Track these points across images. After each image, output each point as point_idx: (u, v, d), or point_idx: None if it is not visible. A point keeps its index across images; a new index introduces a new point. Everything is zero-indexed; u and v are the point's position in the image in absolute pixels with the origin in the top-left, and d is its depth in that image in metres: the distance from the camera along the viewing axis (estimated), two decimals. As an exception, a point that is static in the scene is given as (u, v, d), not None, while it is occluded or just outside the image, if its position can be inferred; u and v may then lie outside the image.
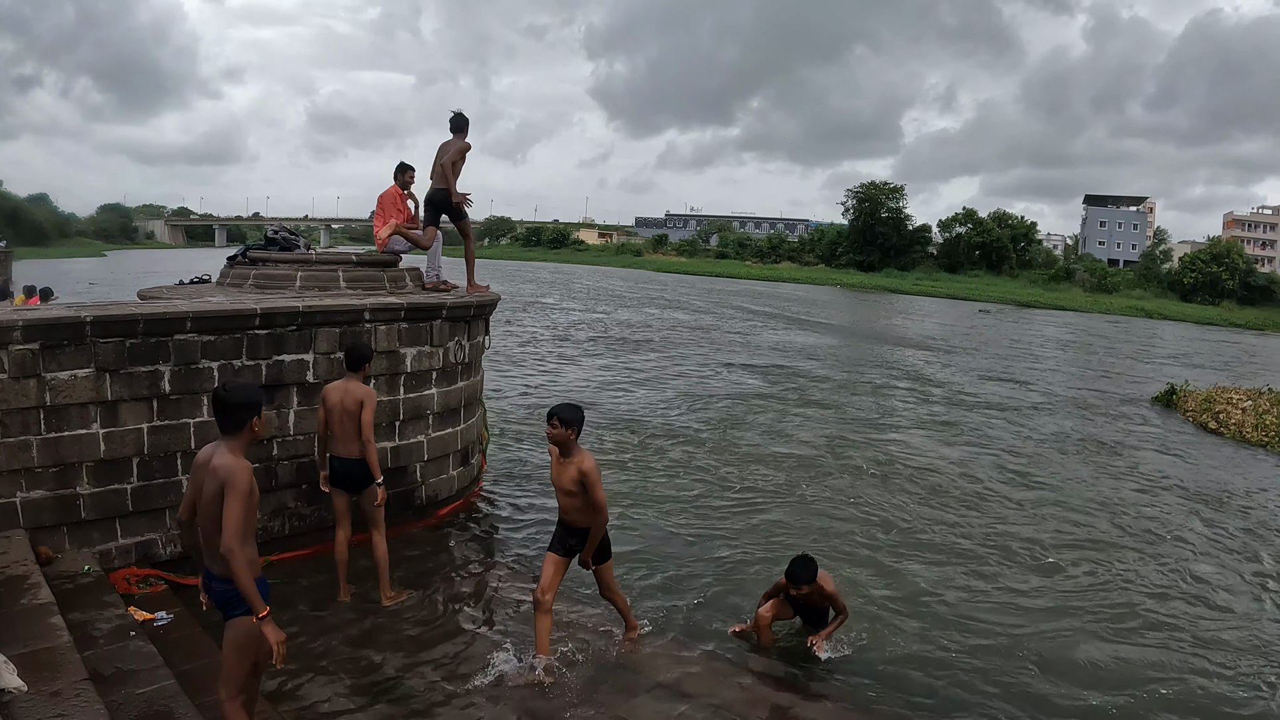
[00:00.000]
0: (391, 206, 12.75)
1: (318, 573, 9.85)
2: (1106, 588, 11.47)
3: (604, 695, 7.82)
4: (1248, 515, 15.29)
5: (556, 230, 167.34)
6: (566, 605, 9.37)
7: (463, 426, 12.27)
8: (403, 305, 11.02)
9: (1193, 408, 26.16)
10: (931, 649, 9.40)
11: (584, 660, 8.39)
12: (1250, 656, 9.68)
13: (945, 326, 56.20)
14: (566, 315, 44.88)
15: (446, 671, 8.06)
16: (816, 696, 8.28)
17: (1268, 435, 22.31)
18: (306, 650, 8.17)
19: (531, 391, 22.17)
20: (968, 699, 8.43)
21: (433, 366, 11.48)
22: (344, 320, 10.39)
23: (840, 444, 18.54)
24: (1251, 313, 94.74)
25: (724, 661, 8.82)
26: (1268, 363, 46.05)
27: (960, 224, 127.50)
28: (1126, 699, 8.55)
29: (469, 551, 11.23)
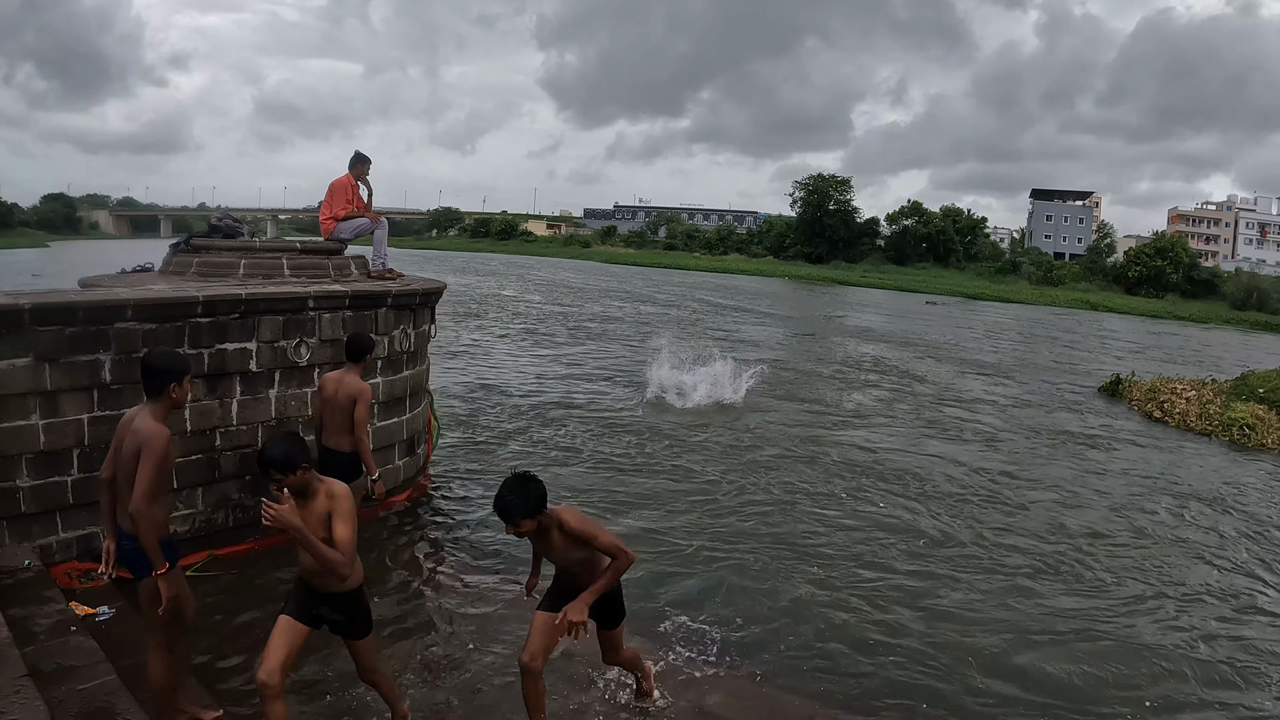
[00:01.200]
0: (340, 195, 12.64)
1: (273, 567, 9.80)
2: (1062, 577, 11.68)
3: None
4: (1234, 509, 15.54)
5: (505, 221, 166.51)
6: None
7: (408, 416, 12.22)
8: (347, 293, 10.95)
9: (1138, 397, 26.54)
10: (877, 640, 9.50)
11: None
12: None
13: (892, 318, 56.46)
14: (535, 308, 44.40)
15: (384, 657, 8.03)
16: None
17: (1211, 425, 22.77)
18: (255, 645, 8.11)
19: (493, 382, 22.06)
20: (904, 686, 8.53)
21: (377, 355, 11.28)
22: (287, 308, 10.31)
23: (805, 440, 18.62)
24: (1195, 306, 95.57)
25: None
26: (1211, 355, 46.59)
27: (907, 217, 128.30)
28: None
29: (416, 541, 11.18)
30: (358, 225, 12.70)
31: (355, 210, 12.67)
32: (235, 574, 9.67)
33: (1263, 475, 18.31)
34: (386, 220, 13.14)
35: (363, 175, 12.81)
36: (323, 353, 10.67)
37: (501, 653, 8.34)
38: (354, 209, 12.65)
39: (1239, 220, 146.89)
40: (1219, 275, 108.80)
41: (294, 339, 10.37)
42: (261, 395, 10.18)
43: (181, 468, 9.56)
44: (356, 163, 12.78)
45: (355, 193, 12.73)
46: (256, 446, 10.10)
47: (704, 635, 9.01)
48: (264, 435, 10.23)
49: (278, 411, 10.37)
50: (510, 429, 17.18)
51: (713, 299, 59.91)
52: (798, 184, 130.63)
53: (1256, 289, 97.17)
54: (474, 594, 9.65)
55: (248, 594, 9.26)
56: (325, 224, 12.65)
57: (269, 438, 6.73)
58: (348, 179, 12.69)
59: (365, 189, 12.94)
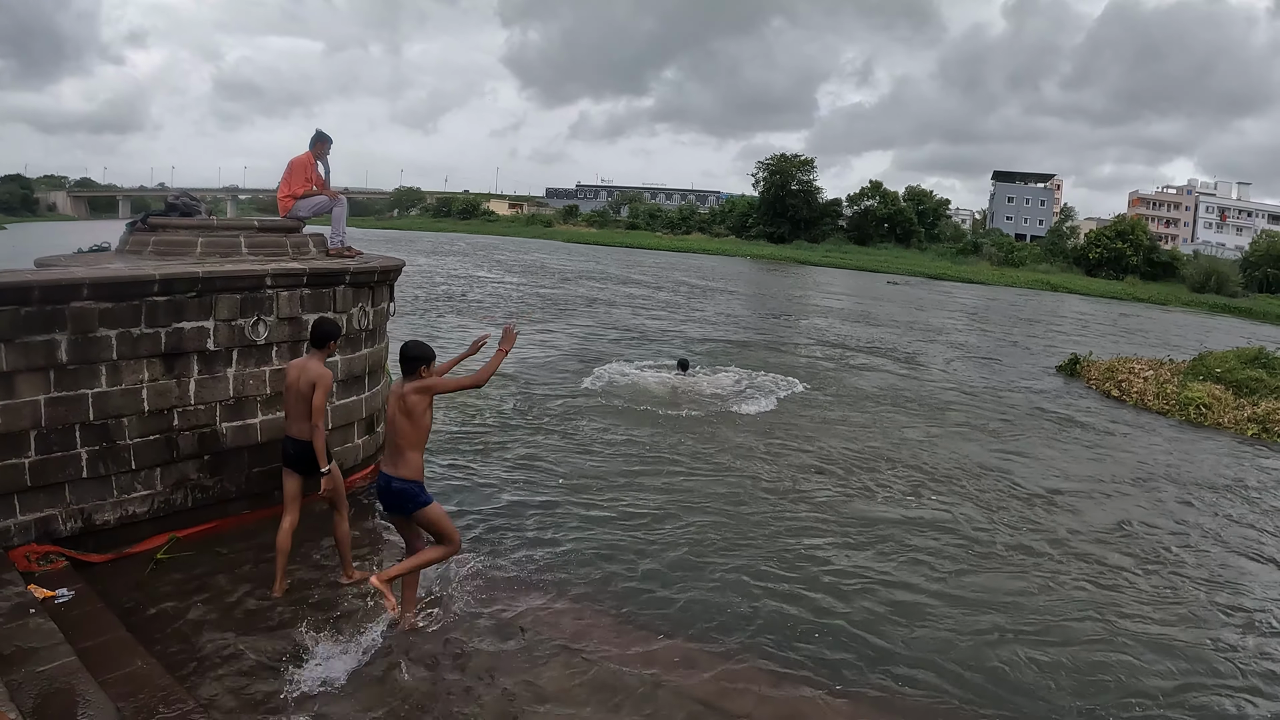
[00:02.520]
0: (299, 173, 12.54)
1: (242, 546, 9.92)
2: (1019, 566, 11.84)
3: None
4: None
5: (467, 201, 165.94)
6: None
7: (367, 394, 12.17)
8: (305, 270, 10.86)
9: (1096, 377, 27.03)
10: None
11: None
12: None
13: (853, 298, 56.69)
14: (516, 290, 44.13)
15: (349, 638, 8.05)
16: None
17: (1168, 404, 23.23)
18: (222, 630, 8.12)
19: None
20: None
21: (336, 333, 11.30)
22: (245, 286, 10.20)
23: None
24: (1154, 288, 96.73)
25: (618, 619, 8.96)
26: (1169, 336, 47.09)
27: (869, 198, 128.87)
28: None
29: (377, 521, 11.16)
30: (316, 203, 12.59)
31: (314, 188, 12.58)
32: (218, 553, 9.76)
33: (1219, 452, 18.69)
34: (345, 198, 13.03)
35: (323, 154, 12.71)
36: (280, 331, 10.60)
37: (456, 633, 8.45)
38: (313, 187, 12.56)
39: (1199, 204, 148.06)
40: (1178, 258, 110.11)
41: (252, 317, 10.28)
42: (219, 374, 10.09)
43: (139, 448, 9.53)
44: (317, 141, 12.67)
45: (314, 171, 12.63)
46: (215, 427, 10.07)
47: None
48: (222, 415, 10.18)
49: (236, 390, 10.27)
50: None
51: (690, 280, 59.83)
52: (760, 164, 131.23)
53: (1215, 272, 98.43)
54: (430, 572, 9.65)
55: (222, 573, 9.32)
56: (283, 202, 12.54)
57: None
58: (307, 157, 12.57)
59: (323, 167, 12.86)
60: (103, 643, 7.11)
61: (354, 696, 7.25)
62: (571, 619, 8.98)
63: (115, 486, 9.43)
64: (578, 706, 7.37)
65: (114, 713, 5.97)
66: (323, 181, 12.75)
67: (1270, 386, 23.74)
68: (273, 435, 10.61)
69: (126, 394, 9.35)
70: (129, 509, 9.55)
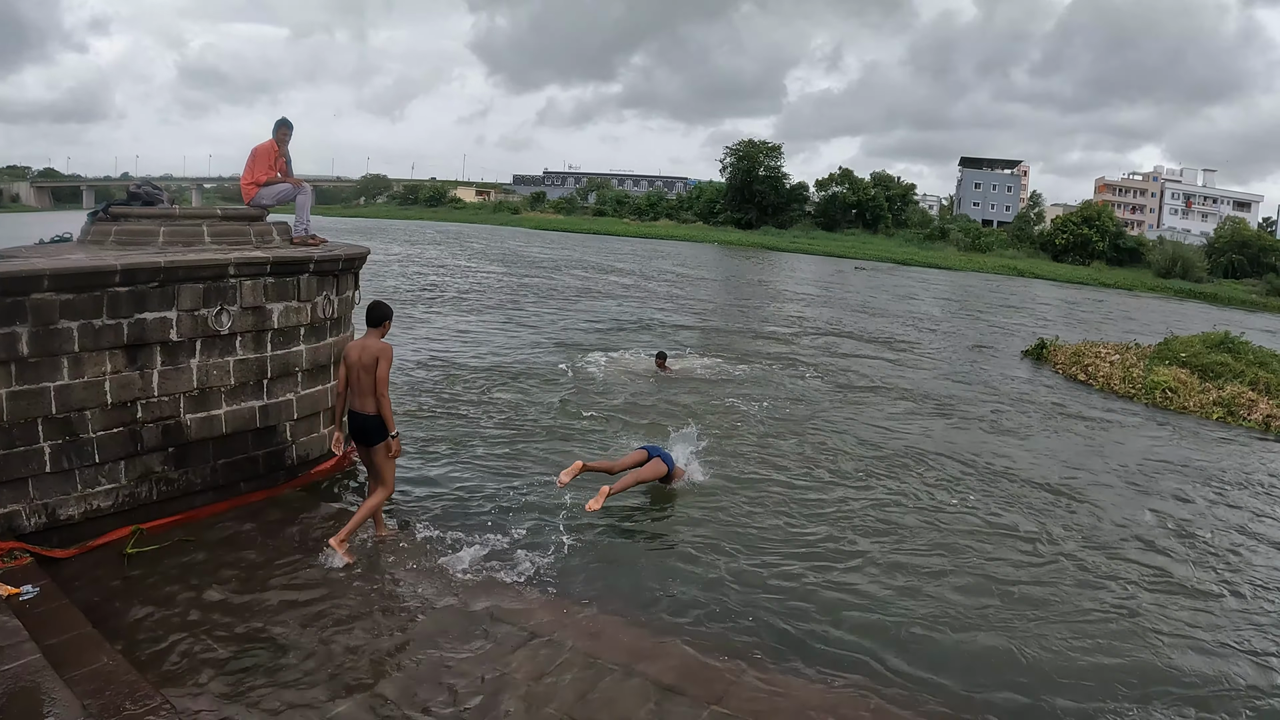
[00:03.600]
0: (262, 160, 12.44)
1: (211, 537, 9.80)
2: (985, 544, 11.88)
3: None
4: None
5: (434, 188, 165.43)
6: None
7: (333, 383, 12.02)
8: (268, 259, 10.74)
9: (1062, 361, 27.19)
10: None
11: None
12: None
13: (821, 282, 56.78)
14: (500, 280, 43.42)
15: (316, 632, 7.98)
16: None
17: (1134, 387, 23.44)
18: (185, 622, 8.04)
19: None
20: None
21: (300, 322, 11.23)
22: (208, 276, 10.08)
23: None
24: (1120, 273, 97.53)
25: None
26: (1135, 321, 47.42)
27: (837, 184, 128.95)
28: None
29: (343, 511, 10.97)
30: (280, 191, 12.49)
31: (277, 175, 12.48)
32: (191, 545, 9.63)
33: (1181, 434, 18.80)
34: (309, 186, 12.93)
35: (285, 140, 12.61)
36: (244, 321, 10.48)
37: (423, 621, 8.39)
38: (276, 174, 12.46)
39: (1164, 191, 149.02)
40: (1144, 244, 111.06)
41: (215, 307, 10.15)
42: (183, 365, 9.97)
43: (102, 441, 9.41)
44: (279, 128, 12.58)
45: (277, 158, 12.53)
46: (179, 418, 9.96)
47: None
48: (186, 406, 10.07)
49: (200, 381, 10.15)
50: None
51: (678, 269, 59.45)
52: (728, 149, 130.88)
53: (1180, 258, 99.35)
54: (399, 563, 9.58)
55: (189, 566, 9.19)
56: (247, 189, 12.43)
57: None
58: (270, 144, 12.48)
59: (287, 155, 12.76)
60: (68, 639, 7.02)
61: (322, 688, 7.17)
62: (543, 608, 8.93)
63: (79, 480, 9.31)
64: (548, 697, 7.31)
65: (79, 710, 5.90)
66: (288, 170, 12.65)
67: (1235, 370, 24.11)
68: (237, 426, 10.53)
69: (89, 386, 9.23)
70: (93, 503, 9.43)
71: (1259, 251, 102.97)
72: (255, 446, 10.91)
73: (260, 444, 10.94)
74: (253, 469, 10.94)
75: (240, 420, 10.60)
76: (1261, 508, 14.14)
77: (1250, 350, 26.50)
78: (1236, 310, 69.45)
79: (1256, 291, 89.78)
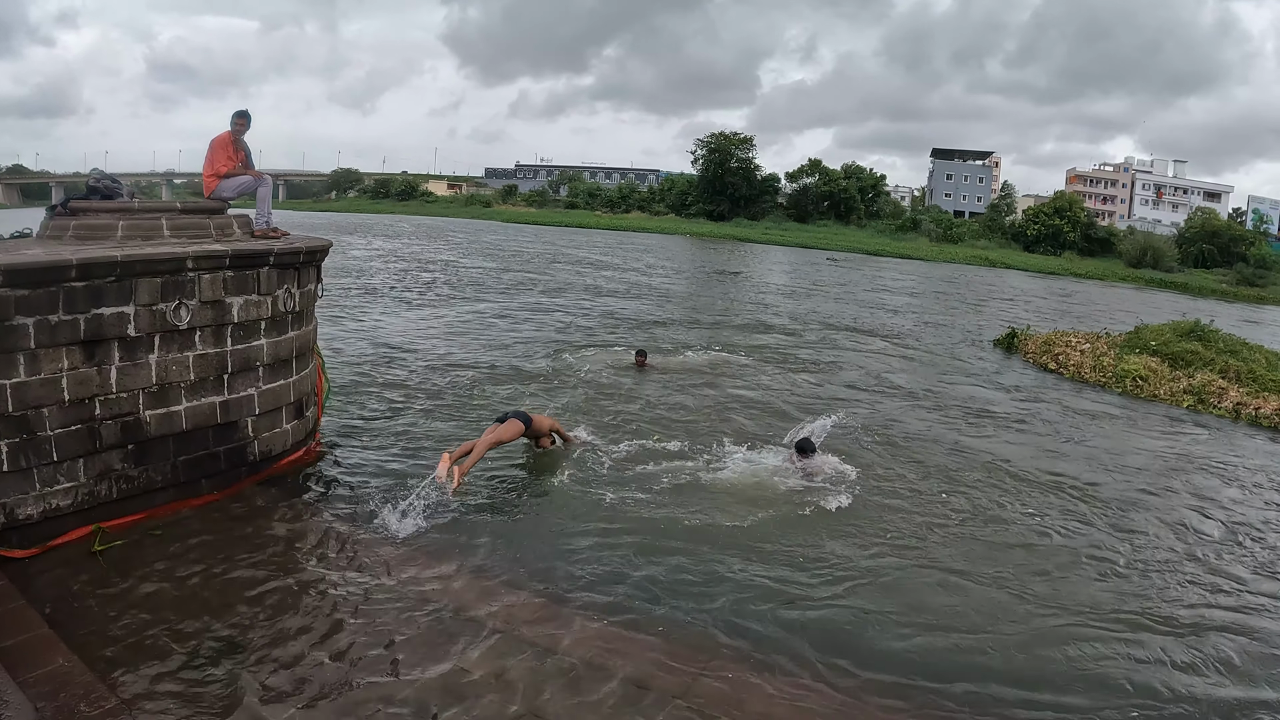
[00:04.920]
0: (221, 151, 12.28)
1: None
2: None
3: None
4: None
5: (405, 182, 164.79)
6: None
7: (295, 378, 11.91)
8: (227, 252, 10.57)
9: (1033, 350, 27.29)
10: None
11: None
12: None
13: (794, 273, 56.88)
14: (497, 277, 42.57)
15: (278, 630, 7.87)
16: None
17: (1104, 376, 23.58)
18: (144, 622, 7.90)
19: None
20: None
21: (261, 316, 11.08)
22: (166, 270, 9.91)
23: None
24: (1092, 263, 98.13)
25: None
26: (1106, 310, 47.66)
27: (808, 175, 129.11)
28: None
29: (307, 507, 10.92)
30: (240, 183, 12.35)
31: (238, 167, 12.32)
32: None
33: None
34: (270, 178, 12.76)
35: (241, 131, 12.46)
36: (203, 315, 10.33)
37: (384, 622, 8.25)
38: (237, 165, 12.30)
39: (1135, 181, 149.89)
40: (1115, 234, 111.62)
41: (173, 301, 10.00)
42: (142, 361, 9.81)
43: (60, 439, 9.25)
44: (236, 119, 12.44)
45: (236, 149, 12.37)
46: (138, 415, 9.81)
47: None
48: (145, 403, 9.91)
49: (159, 377, 10.00)
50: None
51: (661, 262, 59.29)
52: (699, 141, 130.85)
53: (1151, 248, 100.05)
54: (361, 562, 9.45)
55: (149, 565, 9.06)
56: (208, 182, 12.29)
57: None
58: (227, 135, 12.34)
59: (247, 147, 12.63)
60: (23, 641, 6.92)
61: (281, 688, 7.06)
62: (506, 603, 8.83)
63: (37, 479, 9.14)
64: (510, 692, 7.21)
65: (32, 713, 5.81)
66: (248, 161, 12.50)
67: (1205, 359, 24.15)
68: (198, 422, 10.38)
69: (46, 384, 9.07)
70: (52, 502, 9.27)
71: (1229, 241, 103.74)
72: (216, 443, 10.76)
73: (222, 440, 10.79)
74: (214, 465, 10.78)
75: (201, 416, 10.46)
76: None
77: (1220, 338, 26.60)
78: (1207, 299, 69.62)
79: (1227, 281, 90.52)
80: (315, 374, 12.98)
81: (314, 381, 12.90)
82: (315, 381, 13.01)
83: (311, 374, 12.60)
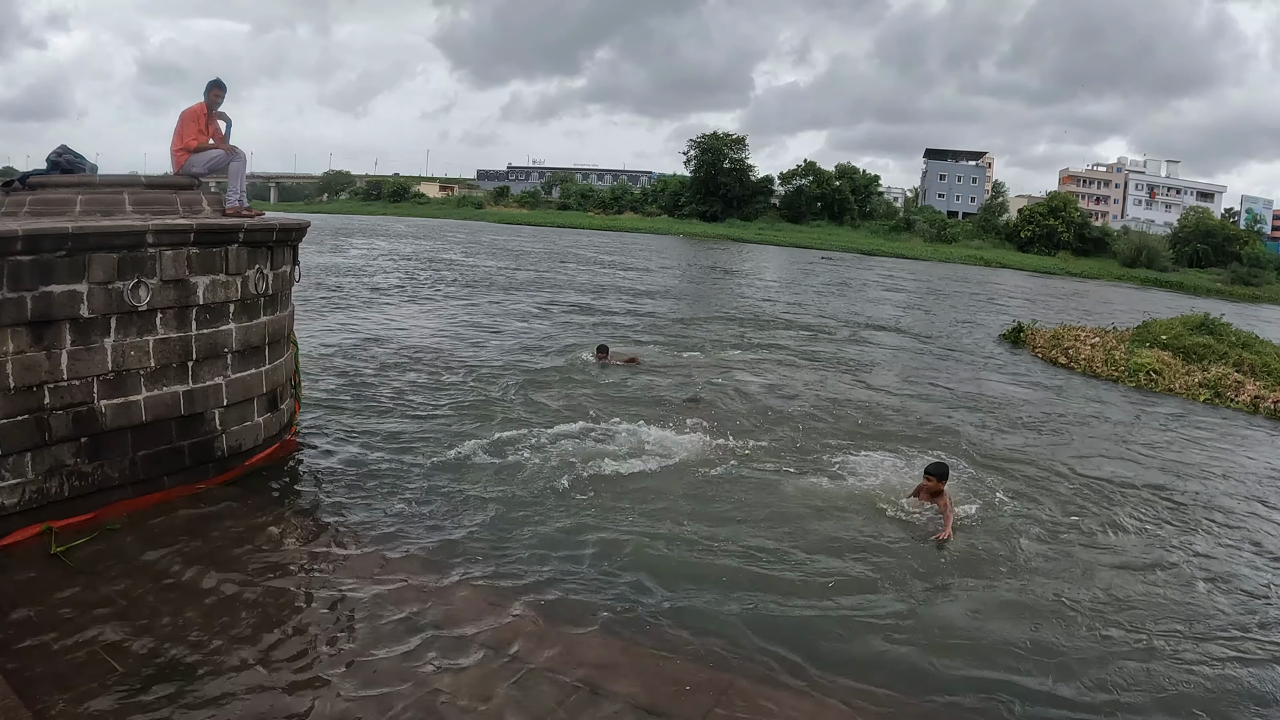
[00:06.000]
0: (192, 124, 11.45)
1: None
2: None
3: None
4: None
5: (397, 184, 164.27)
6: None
7: (268, 367, 11.02)
8: (192, 226, 9.68)
9: (1041, 345, 27.12)
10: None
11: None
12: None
13: (788, 270, 56.50)
14: (513, 274, 42.28)
15: (235, 648, 7.00)
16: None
17: (1117, 370, 23.27)
18: (84, 637, 7.02)
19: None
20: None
21: (229, 298, 10.19)
22: (123, 244, 9.04)
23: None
24: (1086, 263, 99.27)
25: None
26: (1105, 308, 47.51)
27: (801, 176, 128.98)
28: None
29: (280, 508, 10.03)
30: (211, 157, 11.51)
31: (209, 141, 11.49)
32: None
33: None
34: (244, 152, 11.87)
35: (217, 102, 11.63)
36: (165, 295, 9.43)
37: (357, 639, 7.38)
38: (208, 140, 11.47)
39: (1128, 181, 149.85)
40: (1110, 234, 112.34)
41: (131, 279, 9.12)
42: (96, 345, 8.93)
43: (5, 431, 8.40)
44: (211, 89, 11.63)
45: (208, 122, 11.54)
46: (92, 405, 8.94)
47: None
48: (100, 391, 9.03)
49: (115, 363, 9.11)
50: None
51: (675, 264, 58.92)
52: (692, 142, 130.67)
53: (1146, 247, 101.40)
54: (334, 571, 8.58)
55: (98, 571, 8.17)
56: (176, 156, 11.46)
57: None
58: (200, 106, 11.52)
59: (224, 122, 11.80)
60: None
61: (215, 703, 6.25)
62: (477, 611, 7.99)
63: (-21, 475, 8.30)
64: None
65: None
66: (220, 135, 11.67)
67: (1218, 352, 24.06)
68: (159, 414, 9.51)
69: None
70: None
71: (1224, 241, 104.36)
72: (180, 436, 9.87)
73: (185, 433, 9.91)
74: (177, 461, 9.89)
75: (162, 407, 9.57)
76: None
77: (1231, 332, 26.57)
78: (1203, 299, 69.00)
79: (1222, 280, 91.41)
80: (291, 363, 12.10)
81: (290, 371, 12.02)
82: (291, 372, 12.14)
83: (287, 363, 11.72)
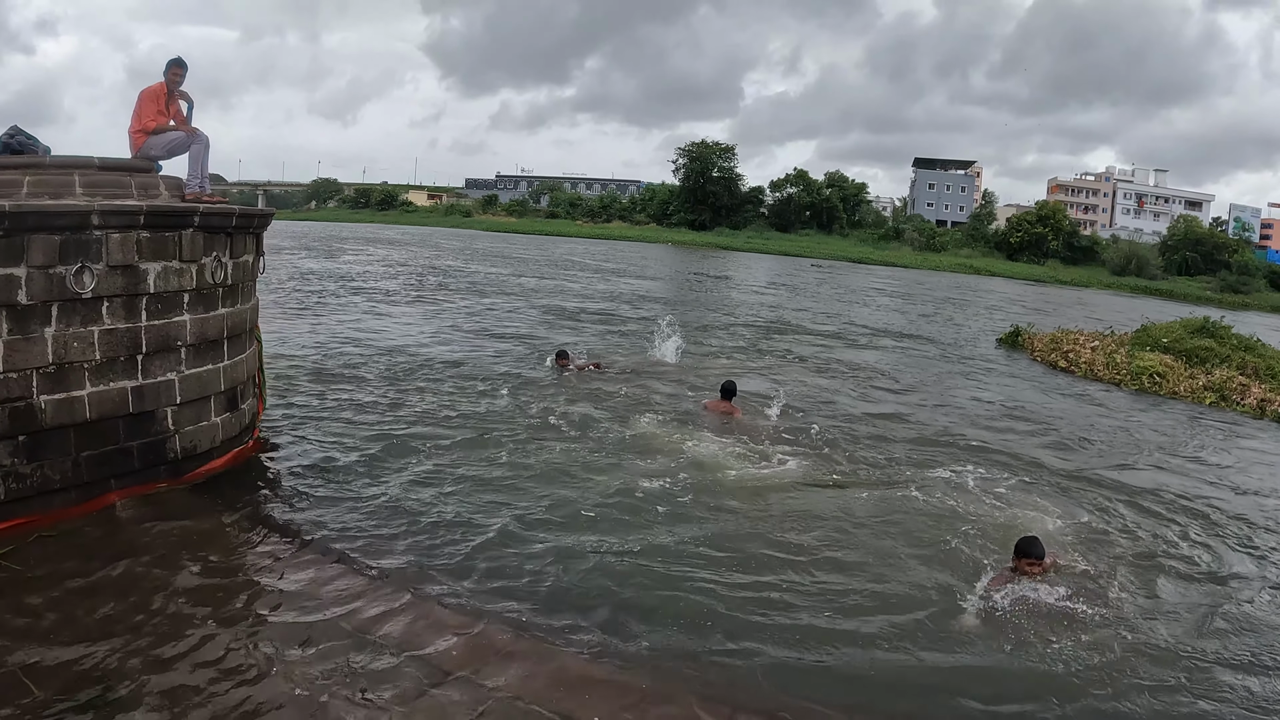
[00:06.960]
0: (151, 104, 10.74)
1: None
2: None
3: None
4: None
5: (385, 191, 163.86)
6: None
7: (227, 363, 10.28)
8: (141, 208, 8.96)
9: (1040, 348, 26.98)
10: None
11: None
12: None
13: (780, 278, 56.21)
14: (524, 278, 41.86)
15: (170, 675, 6.25)
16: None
17: (1119, 374, 23.07)
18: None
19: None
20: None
21: (184, 287, 9.46)
22: (65, 225, 8.32)
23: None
24: (1076, 271, 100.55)
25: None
26: (1099, 313, 47.52)
27: (791, 185, 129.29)
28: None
29: (233, 515, 9.25)
30: (171, 140, 10.78)
31: (169, 123, 10.79)
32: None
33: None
34: (206, 135, 11.13)
35: (177, 81, 10.94)
36: (112, 282, 8.70)
37: (311, 663, 6.58)
38: (168, 121, 10.77)
39: (1117, 190, 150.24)
40: (1099, 242, 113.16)
41: (74, 264, 8.39)
42: (35, 335, 8.18)
43: (-63, 428, 7.67)
44: (171, 67, 10.92)
45: (169, 102, 10.84)
46: (31, 401, 8.21)
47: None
48: (40, 386, 8.30)
49: (56, 355, 8.37)
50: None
51: (671, 271, 58.47)
52: (680, 150, 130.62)
53: (1135, 256, 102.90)
54: (289, 586, 7.82)
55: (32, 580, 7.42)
56: (134, 138, 10.73)
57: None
58: (159, 86, 10.81)
59: (186, 103, 11.11)
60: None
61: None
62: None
63: (-95, 476, 7.58)
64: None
65: None
66: (181, 117, 10.98)
67: (1220, 355, 23.88)
68: (105, 411, 8.76)
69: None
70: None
71: (1213, 249, 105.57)
72: (128, 436, 9.11)
73: (134, 433, 9.15)
74: (125, 463, 9.13)
75: (108, 404, 8.83)
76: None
77: (1233, 335, 26.29)
78: (1192, 306, 68.64)
79: (1211, 288, 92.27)
80: (254, 360, 11.36)
81: (253, 369, 11.28)
82: (255, 369, 11.39)
83: (249, 359, 10.98)
